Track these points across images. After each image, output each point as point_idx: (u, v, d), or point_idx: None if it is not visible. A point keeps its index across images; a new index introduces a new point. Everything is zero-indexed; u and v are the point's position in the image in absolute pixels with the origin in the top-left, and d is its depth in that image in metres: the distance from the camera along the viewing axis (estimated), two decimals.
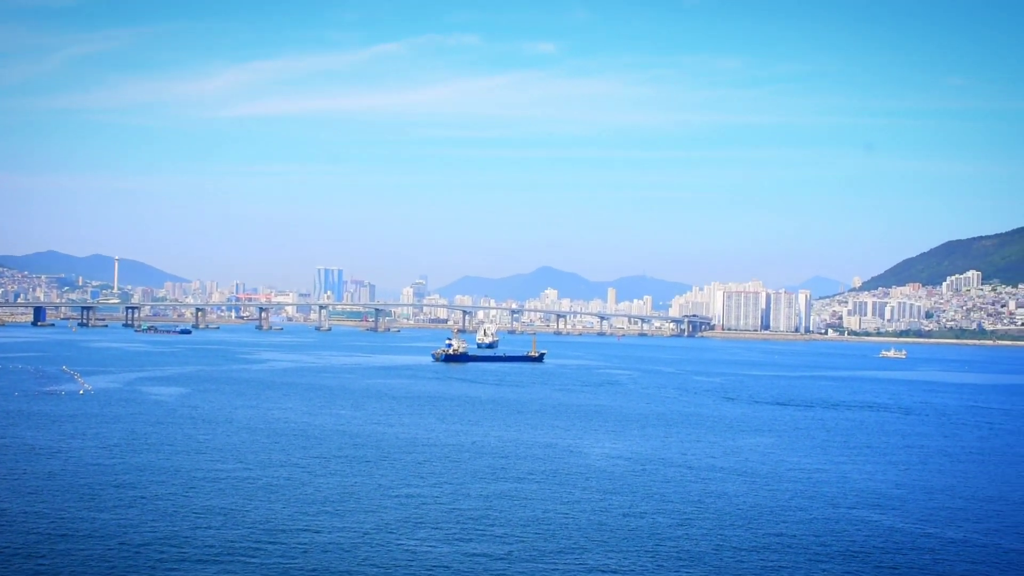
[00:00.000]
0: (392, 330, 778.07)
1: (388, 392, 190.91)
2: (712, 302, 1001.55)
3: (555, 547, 68.67)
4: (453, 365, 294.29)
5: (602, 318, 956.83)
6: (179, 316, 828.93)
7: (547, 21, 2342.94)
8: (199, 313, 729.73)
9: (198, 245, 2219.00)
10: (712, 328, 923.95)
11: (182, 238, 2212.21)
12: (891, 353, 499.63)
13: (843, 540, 72.36)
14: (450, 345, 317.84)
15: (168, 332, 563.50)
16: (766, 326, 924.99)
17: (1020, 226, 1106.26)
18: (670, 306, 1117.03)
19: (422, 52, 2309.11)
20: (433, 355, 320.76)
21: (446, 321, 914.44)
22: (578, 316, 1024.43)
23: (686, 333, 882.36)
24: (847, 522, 78.23)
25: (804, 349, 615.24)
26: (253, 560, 63.86)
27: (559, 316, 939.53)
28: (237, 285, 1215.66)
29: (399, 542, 68.63)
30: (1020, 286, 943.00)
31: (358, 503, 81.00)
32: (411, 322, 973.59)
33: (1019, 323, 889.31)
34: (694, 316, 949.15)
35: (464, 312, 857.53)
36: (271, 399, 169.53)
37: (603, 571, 63.33)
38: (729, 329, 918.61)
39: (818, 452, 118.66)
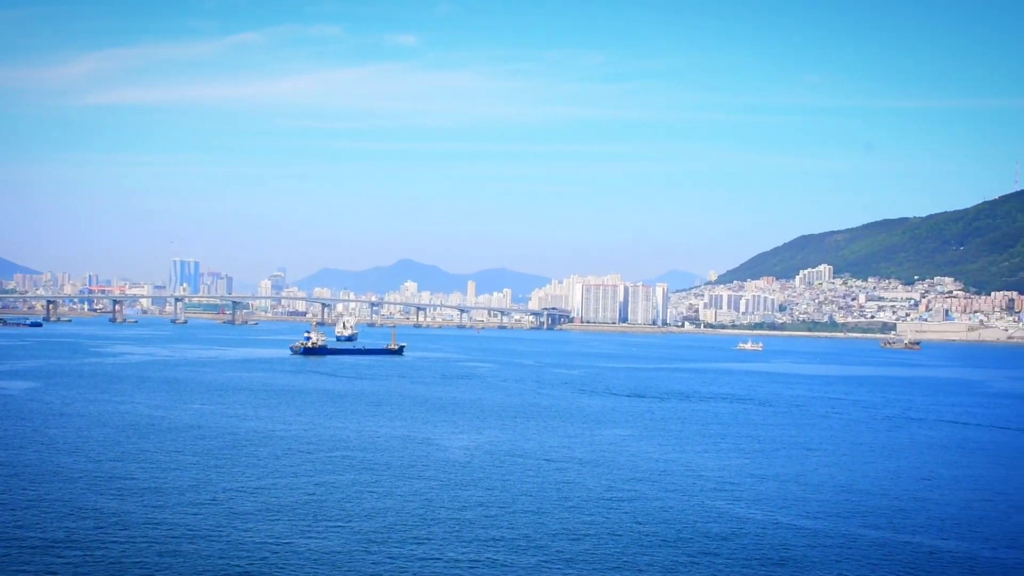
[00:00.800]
0: (250, 323, 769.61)
1: (244, 385, 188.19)
2: (571, 295, 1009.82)
3: (412, 538, 68.18)
4: (311, 358, 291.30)
5: (462, 311, 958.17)
6: (29, 308, 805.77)
7: (409, 13, 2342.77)
8: (50, 305, 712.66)
9: (50, 236, 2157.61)
10: (571, 321, 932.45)
11: (33, 228, 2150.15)
12: (748, 346, 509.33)
13: (697, 529, 73.22)
14: (308, 338, 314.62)
15: (17, 325, 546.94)
16: (624, 319, 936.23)
17: (870, 221, 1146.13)
18: (530, 299, 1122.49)
19: (283, 42, 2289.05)
20: (291, 348, 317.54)
21: (305, 314, 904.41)
22: (438, 309, 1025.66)
23: (545, 326, 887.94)
24: (702, 511, 79.21)
25: (661, 342, 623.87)
26: (97, 552, 62.10)
27: (419, 309, 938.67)
28: (90, 277, 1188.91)
29: (252, 537, 67.28)
30: (870, 279, 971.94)
31: (211, 496, 79.39)
32: (269, 315, 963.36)
33: (868, 316, 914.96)
34: (553, 309, 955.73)
35: (323, 305, 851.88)
36: (123, 393, 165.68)
37: (460, 562, 63.06)
38: (588, 322, 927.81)
39: (674, 443, 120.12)
